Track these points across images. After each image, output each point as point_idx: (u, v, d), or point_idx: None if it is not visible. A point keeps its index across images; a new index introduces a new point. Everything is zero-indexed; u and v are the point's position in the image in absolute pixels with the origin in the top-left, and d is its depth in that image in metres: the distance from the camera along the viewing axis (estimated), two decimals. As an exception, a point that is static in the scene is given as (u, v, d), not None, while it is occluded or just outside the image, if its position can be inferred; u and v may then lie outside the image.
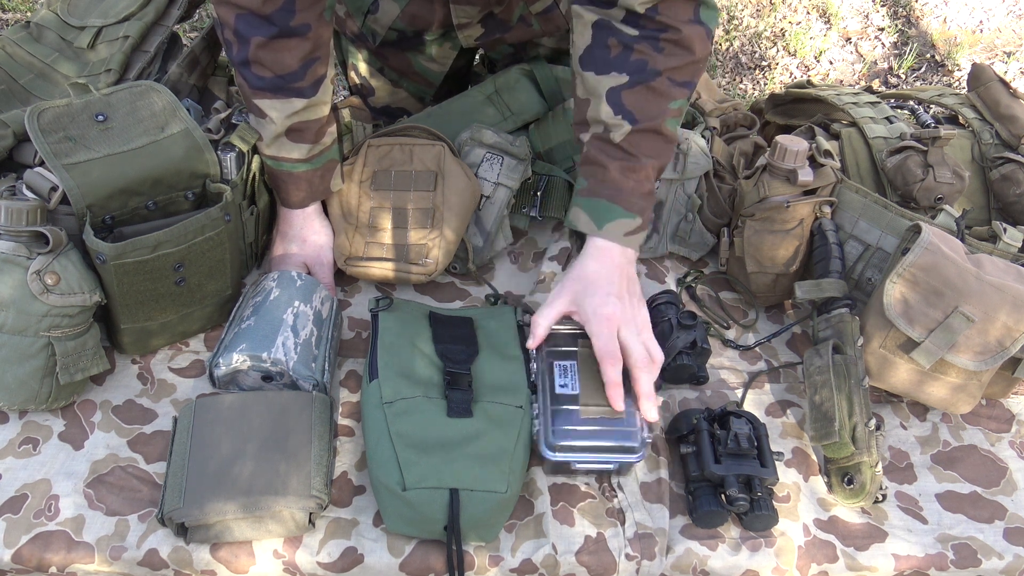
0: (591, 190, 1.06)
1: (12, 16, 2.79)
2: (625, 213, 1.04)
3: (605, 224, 1.04)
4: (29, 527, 0.94)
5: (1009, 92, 1.34)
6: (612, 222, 1.04)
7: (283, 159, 1.13)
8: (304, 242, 1.20)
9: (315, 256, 1.20)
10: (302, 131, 1.11)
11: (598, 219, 1.05)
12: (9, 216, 0.94)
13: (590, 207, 1.05)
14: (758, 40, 3.00)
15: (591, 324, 1.02)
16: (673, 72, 1.03)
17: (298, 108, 1.08)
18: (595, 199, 1.05)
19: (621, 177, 1.04)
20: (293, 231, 1.20)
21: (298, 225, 1.19)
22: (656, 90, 1.03)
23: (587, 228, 1.05)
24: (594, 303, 1.02)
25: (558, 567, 0.96)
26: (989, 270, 1.06)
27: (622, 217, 1.04)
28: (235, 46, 1.05)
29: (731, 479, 0.97)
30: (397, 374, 1.02)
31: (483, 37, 1.37)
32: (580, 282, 1.04)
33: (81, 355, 1.01)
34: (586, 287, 1.03)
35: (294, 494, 0.92)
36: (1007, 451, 1.12)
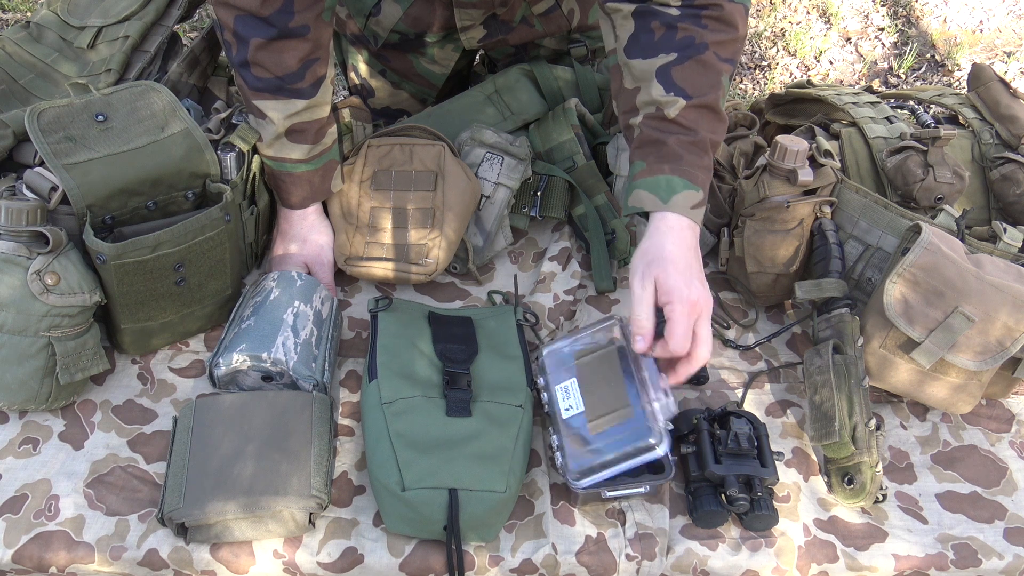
0: (651, 170, 1.00)
1: (12, 16, 2.79)
2: (689, 185, 0.99)
3: (671, 197, 0.99)
4: (29, 527, 0.94)
5: (1009, 92, 1.34)
6: (678, 194, 0.99)
7: (283, 159, 1.13)
8: (304, 242, 1.20)
9: (315, 256, 1.20)
10: (302, 132, 1.11)
11: (663, 194, 0.99)
12: (9, 216, 0.94)
13: (652, 185, 1.00)
14: (758, 40, 3.00)
15: (674, 306, 0.95)
16: (719, 47, 1.01)
17: (298, 109, 1.09)
18: (657, 176, 1.00)
19: (681, 150, 1.00)
20: (293, 231, 1.20)
21: (298, 225, 1.20)
22: (706, 64, 1.00)
23: (653, 206, 0.99)
24: (679, 286, 0.95)
25: (558, 567, 0.96)
26: (989, 270, 1.06)
27: (687, 189, 0.99)
28: (234, 47, 1.05)
29: (731, 479, 0.97)
30: (396, 374, 1.02)
31: (485, 39, 1.36)
32: (660, 264, 0.97)
33: (81, 355, 1.01)
34: (667, 269, 0.96)
35: (294, 494, 0.92)
36: (1007, 451, 1.12)
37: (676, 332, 0.95)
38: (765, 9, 3.12)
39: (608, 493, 0.97)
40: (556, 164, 1.30)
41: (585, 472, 0.96)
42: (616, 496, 0.98)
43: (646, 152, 1.02)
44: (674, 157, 1.00)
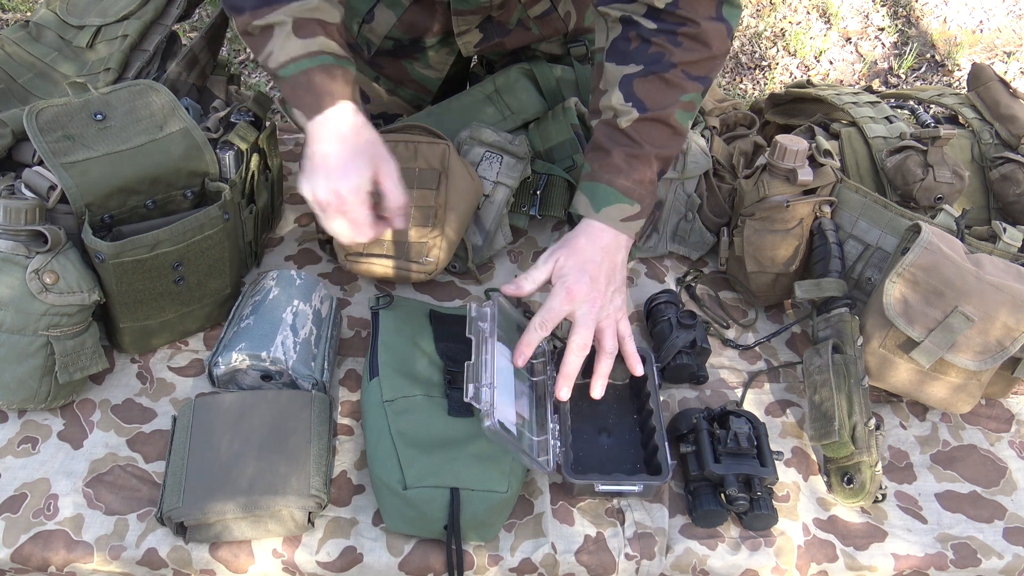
0: (593, 174, 1.06)
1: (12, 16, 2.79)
2: (623, 198, 1.04)
3: (603, 207, 1.04)
4: (28, 526, 0.94)
5: (1009, 92, 1.34)
6: (610, 206, 1.04)
7: (297, 57, 0.97)
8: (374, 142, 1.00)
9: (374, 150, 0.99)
10: (309, 26, 0.98)
11: (596, 202, 1.04)
12: (8, 215, 0.94)
13: (590, 190, 1.05)
14: (758, 40, 3.00)
15: (553, 289, 1.02)
16: (689, 66, 1.03)
17: (304, 7, 0.97)
18: (596, 183, 1.05)
19: (623, 163, 1.04)
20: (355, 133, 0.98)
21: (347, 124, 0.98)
22: (669, 81, 1.03)
23: (585, 211, 1.05)
24: (568, 273, 1.02)
25: (557, 566, 0.96)
26: (989, 270, 1.05)
27: (620, 202, 1.04)
28: None
29: (731, 478, 0.97)
30: (398, 372, 1.02)
31: (482, 43, 1.36)
32: (565, 251, 1.04)
33: (80, 354, 1.01)
34: (568, 257, 1.03)
35: (293, 493, 0.92)
36: (1007, 451, 1.12)
37: (547, 304, 1.01)
38: (765, 9, 3.12)
39: (601, 487, 0.98)
40: (556, 163, 1.30)
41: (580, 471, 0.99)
42: (608, 491, 0.99)
43: (593, 158, 1.07)
44: (614, 169, 1.04)
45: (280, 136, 1.47)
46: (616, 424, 1.08)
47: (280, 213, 1.33)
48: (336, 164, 0.96)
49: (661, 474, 0.98)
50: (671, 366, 1.11)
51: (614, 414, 1.09)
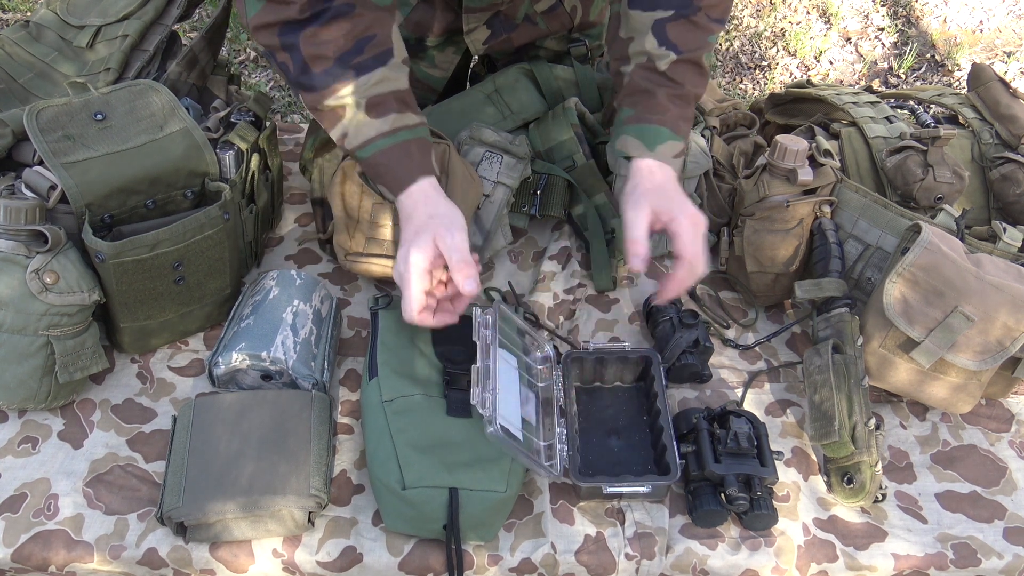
0: (639, 117, 1.10)
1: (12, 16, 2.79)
2: (673, 135, 1.09)
3: (657, 146, 1.09)
4: (28, 526, 0.94)
5: (1009, 92, 1.34)
6: (663, 144, 1.09)
7: (373, 139, 1.01)
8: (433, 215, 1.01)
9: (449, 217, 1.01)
10: (381, 103, 1.01)
11: (649, 142, 1.09)
12: (8, 215, 0.94)
13: (639, 132, 1.10)
14: (758, 40, 3.00)
15: (680, 224, 1.03)
16: (710, 9, 1.09)
17: (371, 82, 1.00)
18: (645, 124, 1.10)
19: (668, 103, 1.10)
20: (418, 212, 1.01)
21: (422, 203, 1.02)
22: (697, 24, 1.09)
23: (638, 152, 1.09)
24: (676, 203, 1.05)
25: (557, 566, 0.96)
26: (989, 270, 1.05)
27: (671, 139, 1.09)
28: (289, 62, 1.00)
29: (731, 478, 0.97)
30: (396, 373, 1.02)
31: (490, 39, 1.36)
32: (654, 192, 1.06)
33: (80, 354, 1.01)
34: (661, 194, 1.06)
35: (293, 493, 0.92)
36: (1007, 451, 1.12)
37: (687, 242, 1.03)
38: (765, 9, 3.12)
39: (608, 489, 0.97)
40: (556, 163, 1.30)
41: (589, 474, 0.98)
42: (617, 493, 0.98)
43: (635, 100, 1.12)
44: (661, 109, 1.10)
45: (280, 136, 1.47)
46: (626, 426, 1.08)
47: (280, 213, 1.33)
48: (402, 243, 1.00)
49: (670, 474, 0.98)
50: (676, 366, 1.11)
51: (624, 416, 1.10)
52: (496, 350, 1.01)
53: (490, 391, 0.94)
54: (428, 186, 1.03)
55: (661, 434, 1.02)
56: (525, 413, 1.01)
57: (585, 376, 1.13)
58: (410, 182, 1.02)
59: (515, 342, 1.08)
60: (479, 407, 0.92)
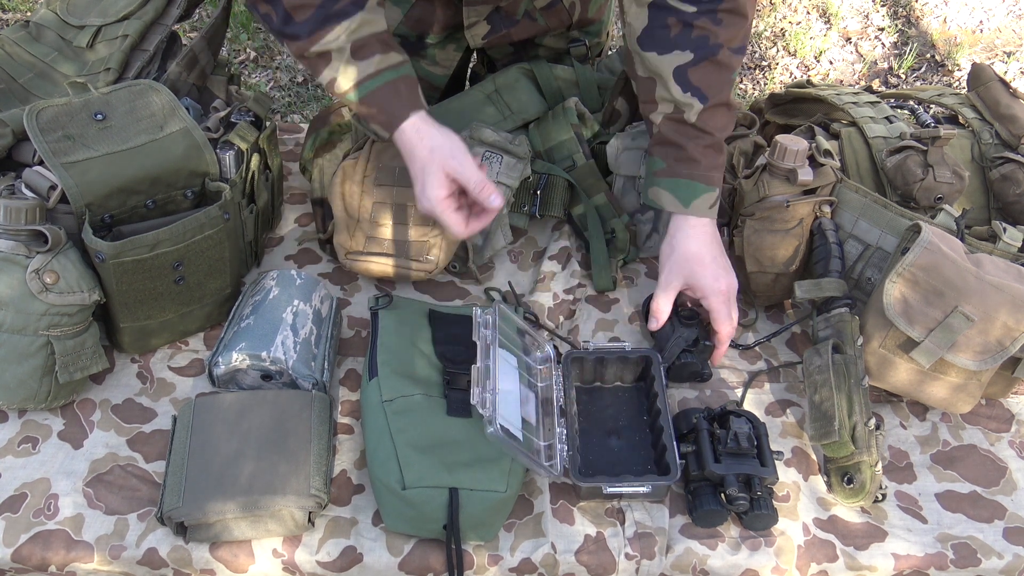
0: (671, 171, 1.11)
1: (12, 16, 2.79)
2: (707, 188, 1.11)
3: (692, 202, 1.10)
4: (28, 526, 0.94)
5: (1009, 92, 1.34)
6: (698, 199, 1.10)
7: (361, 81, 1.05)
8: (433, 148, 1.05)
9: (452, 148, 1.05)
10: (365, 45, 1.05)
11: (684, 198, 1.10)
12: (8, 215, 0.94)
13: (673, 187, 1.11)
14: (758, 40, 3.00)
15: (710, 300, 1.10)
16: (731, 41, 1.08)
17: (354, 26, 1.03)
18: (677, 179, 1.11)
19: (699, 155, 1.10)
20: (417, 145, 1.06)
21: (415, 138, 1.06)
22: (720, 64, 1.07)
23: (674, 207, 1.11)
24: (708, 280, 1.10)
25: (557, 566, 0.96)
26: (989, 270, 1.05)
27: (705, 192, 1.11)
28: (272, 12, 1.03)
29: (731, 478, 0.97)
30: (397, 373, 1.02)
31: (490, 35, 1.36)
32: (689, 263, 1.10)
33: (80, 354, 1.01)
34: (695, 267, 1.10)
35: (293, 493, 0.92)
36: (1007, 451, 1.12)
37: (721, 319, 1.10)
38: (765, 9, 3.12)
39: (609, 489, 0.97)
40: (556, 163, 1.30)
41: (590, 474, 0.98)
42: (617, 493, 0.98)
43: (666, 152, 1.13)
44: (693, 162, 1.10)
45: (280, 136, 1.47)
46: (626, 426, 1.08)
47: (280, 213, 1.33)
48: (414, 182, 1.07)
49: (670, 474, 0.98)
50: (675, 365, 1.11)
51: (624, 416, 1.10)
52: (496, 350, 1.01)
53: (490, 391, 0.94)
54: (419, 120, 1.06)
55: (661, 434, 1.02)
56: (525, 413, 1.01)
57: (585, 376, 1.13)
58: (402, 119, 1.06)
59: (515, 342, 1.08)
60: (479, 407, 0.92)
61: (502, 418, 0.93)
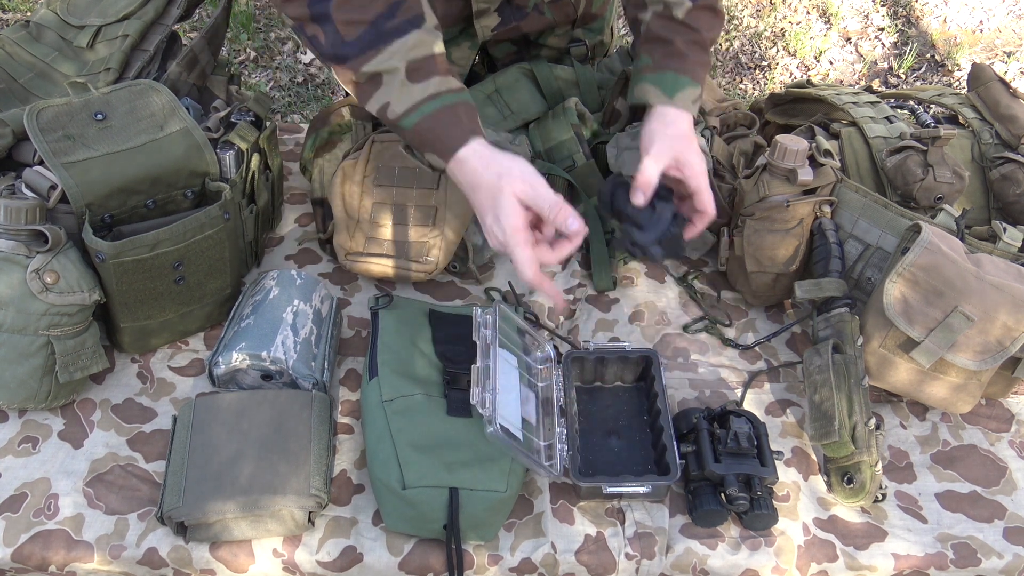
0: (658, 65, 1.12)
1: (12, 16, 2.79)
2: (691, 83, 1.11)
3: (676, 93, 1.10)
4: (28, 526, 0.94)
5: (1009, 92, 1.34)
6: (682, 91, 1.10)
7: (417, 105, 0.98)
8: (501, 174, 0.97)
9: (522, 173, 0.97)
10: (422, 68, 0.98)
11: (668, 89, 1.10)
12: (8, 215, 0.94)
13: (659, 80, 1.11)
14: (758, 40, 3.00)
15: (699, 178, 1.07)
16: None
17: (409, 45, 0.97)
18: (663, 72, 1.11)
19: (685, 49, 1.11)
20: (479, 174, 0.97)
21: (477, 165, 0.97)
22: None
23: (657, 99, 1.10)
24: (696, 160, 1.08)
25: (557, 566, 0.96)
26: (989, 270, 1.05)
27: (689, 87, 1.11)
28: (320, 33, 0.97)
29: (731, 478, 0.97)
30: (397, 372, 1.02)
31: (500, 26, 1.35)
32: (677, 140, 1.08)
33: (80, 354, 1.01)
34: (683, 144, 1.08)
35: (293, 493, 0.92)
36: (1007, 451, 1.12)
37: (707, 200, 1.07)
38: (765, 9, 3.12)
39: (609, 489, 0.97)
40: (556, 163, 1.30)
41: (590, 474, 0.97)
42: (617, 492, 0.98)
43: (652, 48, 1.14)
44: (680, 56, 1.11)
45: (280, 136, 1.47)
46: (627, 426, 1.08)
47: (280, 213, 1.33)
48: (482, 215, 0.98)
49: (670, 474, 0.98)
50: (668, 238, 1.05)
51: (624, 416, 1.10)
52: (496, 350, 1.01)
53: (490, 391, 0.94)
54: (481, 147, 0.98)
55: (661, 434, 1.02)
56: (525, 413, 1.01)
57: (585, 376, 1.13)
58: (461, 144, 0.98)
59: (515, 342, 1.08)
60: (479, 407, 0.93)
61: (502, 418, 0.93)
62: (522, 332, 1.10)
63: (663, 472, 1.00)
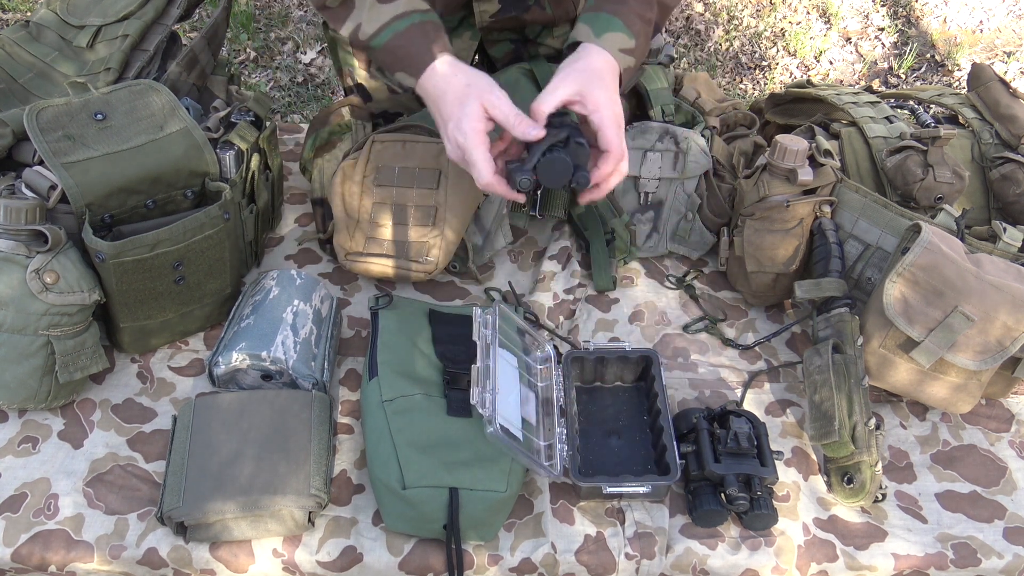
0: (595, 6, 1.08)
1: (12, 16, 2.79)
2: (623, 28, 1.06)
3: (604, 33, 1.05)
4: (28, 526, 0.94)
5: (1009, 92, 1.34)
6: (610, 33, 1.05)
7: (387, 24, 1.02)
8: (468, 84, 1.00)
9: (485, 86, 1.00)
10: None
11: (597, 29, 1.05)
12: (8, 215, 0.94)
13: (591, 19, 1.07)
14: (758, 40, 3.00)
15: (603, 116, 0.99)
16: None
17: None
18: (598, 13, 1.07)
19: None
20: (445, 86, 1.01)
21: (443, 78, 1.01)
22: None
23: (584, 36, 1.06)
24: (605, 97, 1.00)
25: (557, 566, 0.96)
26: (989, 270, 1.05)
27: (620, 31, 1.06)
28: None
29: (731, 478, 0.97)
30: (397, 372, 1.02)
31: (500, 14, 1.34)
32: (586, 73, 1.02)
33: (80, 354, 1.01)
34: (592, 78, 1.01)
35: (293, 493, 0.92)
36: (1007, 451, 1.12)
37: (611, 136, 0.99)
38: (765, 9, 3.12)
39: (608, 489, 0.97)
40: (556, 163, 1.30)
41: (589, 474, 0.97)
42: (617, 492, 0.98)
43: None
44: (619, 2, 1.06)
45: (280, 136, 1.47)
46: (626, 426, 1.08)
47: (280, 213, 1.33)
48: (445, 121, 1.00)
49: (670, 474, 0.98)
50: (541, 162, 0.97)
51: (624, 416, 1.10)
52: (496, 350, 1.01)
53: (490, 391, 0.94)
54: (451, 59, 1.02)
55: (661, 434, 1.02)
56: (525, 413, 1.01)
57: (585, 376, 1.13)
58: (431, 60, 1.02)
59: (515, 342, 1.08)
60: (479, 407, 0.93)
61: (502, 418, 0.93)
62: (522, 332, 1.10)
63: (663, 472, 1.00)
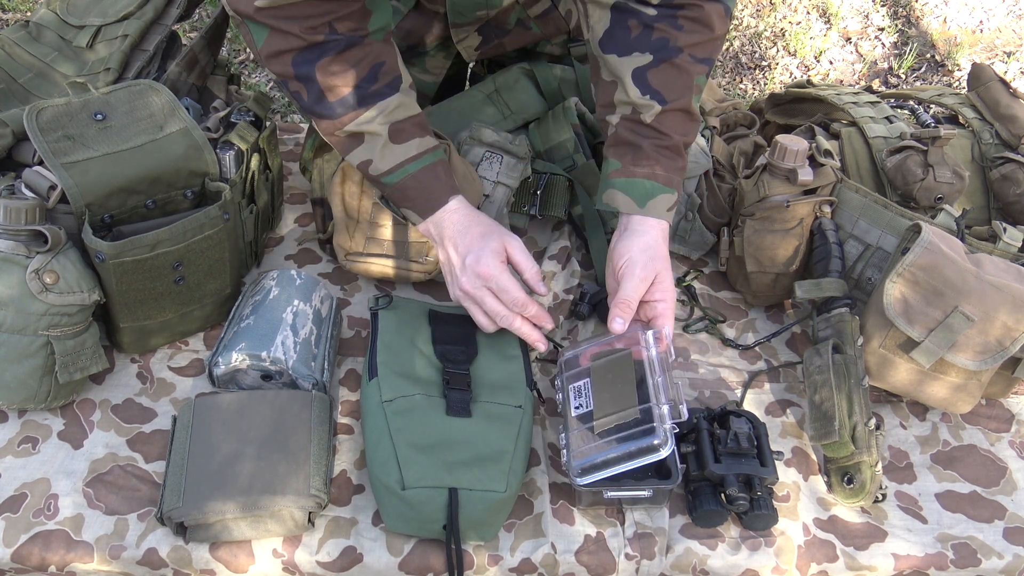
0: (627, 171, 1.06)
1: (12, 16, 2.79)
2: (664, 189, 1.06)
3: (648, 202, 1.05)
4: (28, 526, 0.94)
5: (1009, 92, 1.34)
6: (654, 199, 1.05)
7: (402, 164, 1.05)
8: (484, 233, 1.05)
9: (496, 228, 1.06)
10: (404, 130, 1.05)
11: (639, 198, 1.05)
12: (8, 215, 0.94)
13: (628, 187, 1.06)
14: (758, 40, 3.00)
15: (668, 303, 1.05)
16: (694, 48, 1.04)
17: (391, 107, 1.03)
18: (632, 179, 1.06)
19: (656, 154, 1.05)
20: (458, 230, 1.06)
21: (455, 222, 1.06)
22: (680, 67, 1.04)
23: (628, 208, 1.06)
24: (669, 283, 1.05)
25: (557, 566, 0.96)
26: (989, 270, 1.06)
27: (662, 193, 1.06)
28: (303, 90, 1.01)
29: (731, 478, 0.97)
30: (396, 373, 1.02)
31: (482, 45, 1.36)
32: (657, 262, 1.05)
33: (80, 354, 1.01)
34: (663, 266, 1.05)
35: (293, 493, 0.92)
36: (1007, 451, 1.12)
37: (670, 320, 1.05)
38: (765, 9, 3.12)
39: (609, 494, 0.97)
40: (556, 163, 1.30)
41: (587, 469, 0.95)
42: (618, 497, 0.98)
43: (621, 152, 1.07)
44: (650, 161, 1.05)
45: (280, 136, 1.47)
46: None
47: (280, 213, 1.33)
48: (463, 254, 1.04)
49: (671, 478, 0.97)
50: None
51: None
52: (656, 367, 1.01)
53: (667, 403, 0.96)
54: (464, 203, 1.07)
55: None
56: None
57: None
58: (442, 203, 1.06)
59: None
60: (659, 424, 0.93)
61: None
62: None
63: (664, 476, 0.99)
